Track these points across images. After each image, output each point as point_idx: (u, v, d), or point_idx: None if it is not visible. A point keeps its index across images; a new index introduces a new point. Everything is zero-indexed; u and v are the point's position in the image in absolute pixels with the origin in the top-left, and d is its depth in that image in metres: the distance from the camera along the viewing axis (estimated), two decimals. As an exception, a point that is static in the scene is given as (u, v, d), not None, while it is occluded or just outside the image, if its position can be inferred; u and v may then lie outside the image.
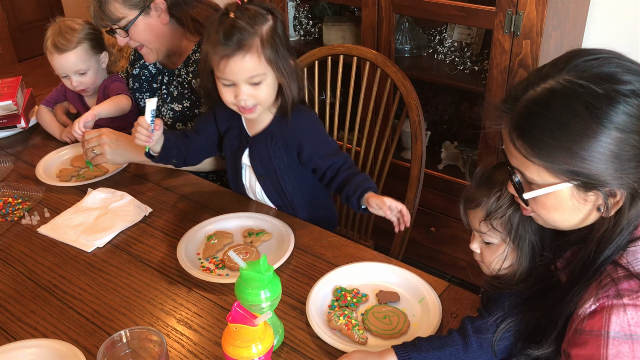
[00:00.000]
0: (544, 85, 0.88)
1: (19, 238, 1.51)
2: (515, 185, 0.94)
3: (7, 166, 1.83)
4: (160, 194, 1.67)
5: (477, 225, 1.10)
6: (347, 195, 1.46)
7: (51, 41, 1.84)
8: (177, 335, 1.20)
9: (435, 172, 2.37)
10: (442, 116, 2.64)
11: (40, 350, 1.15)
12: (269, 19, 1.40)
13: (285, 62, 1.41)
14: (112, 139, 1.67)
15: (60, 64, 1.86)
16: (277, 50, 1.39)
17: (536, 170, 0.89)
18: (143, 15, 1.74)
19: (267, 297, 1.06)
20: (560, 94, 0.86)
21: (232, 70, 1.37)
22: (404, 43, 2.46)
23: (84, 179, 1.75)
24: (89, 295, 1.32)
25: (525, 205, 0.96)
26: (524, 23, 1.87)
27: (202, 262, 1.40)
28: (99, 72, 1.93)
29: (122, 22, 1.74)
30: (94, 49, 1.89)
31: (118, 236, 1.50)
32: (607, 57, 0.87)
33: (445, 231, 2.41)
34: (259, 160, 1.55)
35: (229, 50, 1.35)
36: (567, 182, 0.87)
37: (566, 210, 0.91)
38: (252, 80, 1.39)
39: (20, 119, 2.00)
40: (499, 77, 2.01)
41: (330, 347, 1.15)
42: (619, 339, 0.83)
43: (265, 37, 1.37)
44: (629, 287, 0.85)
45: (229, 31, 1.35)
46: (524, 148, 0.89)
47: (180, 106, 1.89)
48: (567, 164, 0.85)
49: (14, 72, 4.71)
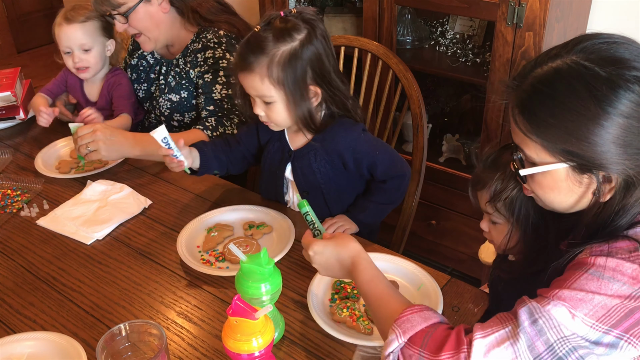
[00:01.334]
0: (550, 64, 0.89)
1: (17, 230, 1.51)
2: (515, 162, 0.96)
3: (6, 158, 1.82)
4: (160, 186, 1.66)
5: (484, 206, 1.16)
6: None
7: (62, 14, 1.83)
8: (177, 328, 1.20)
9: (436, 165, 2.36)
10: (444, 109, 2.62)
11: (39, 343, 1.14)
12: (297, 38, 1.31)
13: (302, 85, 1.34)
14: (107, 134, 1.59)
15: (67, 36, 1.83)
16: (293, 73, 1.31)
17: (534, 147, 0.90)
18: (144, 2, 1.73)
19: (268, 290, 1.06)
20: (565, 73, 0.87)
21: (242, 84, 1.38)
22: (406, 35, 2.44)
23: (83, 171, 1.74)
24: (88, 287, 1.31)
25: (523, 182, 0.98)
26: (526, 15, 1.86)
27: (202, 255, 1.39)
28: (102, 56, 1.91)
29: (122, 8, 1.73)
30: (103, 30, 1.88)
31: (117, 228, 1.50)
32: (617, 42, 0.87)
33: (447, 224, 2.40)
34: (302, 175, 1.50)
35: (238, 63, 1.35)
36: (562, 162, 0.89)
37: (562, 191, 0.92)
38: (263, 99, 1.36)
39: (19, 110, 1.98)
40: (501, 70, 1.99)
41: (330, 341, 1.15)
42: (592, 275, 0.86)
43: (278, 59, 1.30)
44: (622, 246, 0.88)
45: (243, 47, 1.34)
46: (524, 125, 0.90)
47: (177, 97, 1.87)
48: (564, 144, 0.87)
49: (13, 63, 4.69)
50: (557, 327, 0.85)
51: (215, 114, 1.76)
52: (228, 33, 1.82)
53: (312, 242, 1.15)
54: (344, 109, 1.45)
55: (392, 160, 1.49)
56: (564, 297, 0.86)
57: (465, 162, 2.39)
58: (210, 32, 1.82)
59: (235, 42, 1.81)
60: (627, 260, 0.86)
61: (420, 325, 0.93)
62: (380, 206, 1.53)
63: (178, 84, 1.87)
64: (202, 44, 1.81)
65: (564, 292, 0.86)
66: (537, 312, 0.86)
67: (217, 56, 1.79)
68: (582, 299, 0.85)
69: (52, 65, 1.93)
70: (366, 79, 1.87)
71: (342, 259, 1.12)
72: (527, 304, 0.88)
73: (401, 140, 2.55)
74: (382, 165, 1.47)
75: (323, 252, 1.13)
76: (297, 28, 1.31)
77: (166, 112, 1.90)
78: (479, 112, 2.20)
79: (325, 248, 1.13)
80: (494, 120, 2.08)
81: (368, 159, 1.46)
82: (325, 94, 1.39)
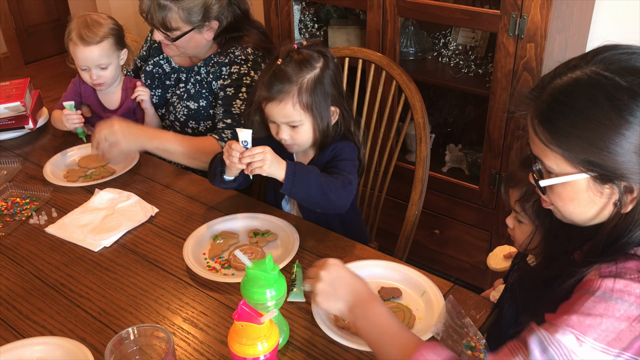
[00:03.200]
0: (570, 75, 0.89)
1: (26, 237, 1.53)
2: (534, 173, 0.95)
3: (15, 167, 1.84)
4: (167, 194, 1.69)
5: (513, 204, 1.16)
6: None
7: (76, 32, 1.83)
8: (183, 333, 1.21)
9: (439, 175, 2.38)
10: (447, 119, 2.64)
11: (48, 348, 1.16)
12: (317, 65, 1.44)
13: (325, 106, 1.45)
14: (124, 126, 1.71)
15: (84, 56, 1.86)
16: (318, 97, 1.44)
17: (554, 158, 0.89)
18: (194, 31, 1.77)
19: (273, 295, 1.08)
20: (585, 84, 0.86)
21: (271, 112, 1.46)
22: (409, 46, 2.47)
23: (91, 179, 1.76)
24: (96, 294, 1.33)
25: (542, 193, 0.97)
26: (528, 26, 1.88)
27: (208, 262, 1.41)
28: (118, 69, 1.95)
29: (173, 33, 1.77)
30: (117, 45, 1.91)
31: (125, 236, 1.52)
32: (637, 52, 0.87)
33: (450, 233, 2.42)
34: None
35: (268, 95, 1.43)
36: (583, 172, 0.88)
37: (582, 202, 0.91)
38: (291, 123, 1.46)
39: (28, 120, 2.01)
40: (503, 80, 2.01)
41: (334, 346, 1.16)
42: (599, 297, 0.86)
43: (305, 86, 1.42)
44: (631, 266, 0.87)
45: (271, 78, 1.43)
46: (544, 135, 0.89)
47: (195, 104, 1.90)
48: (585, 154, 0.86)
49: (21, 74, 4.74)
50: (567, 355, 0.84)
51: (232, 127, 1.79)
52: (255, 51, 1.85)
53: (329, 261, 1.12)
54: (348, 130, 1.55)
55: (350, 167, 1.50)
56: (572, 323, 0.85)
57: (468, 172, 2.41)
58: (238, 48, 1.85)
59: (261, 60, 1.85)
60: (636, 281, 0.85)
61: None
62: (318, 180, 1.40)
63: (197, 92, 1.90)
64: (229, 59, 1.84)
65: (572, 318, 0.86)
66: (546, 340, 0.86)
67: (242, 72, 1.82)
68: (590, 324, 0.84)
69: (60, 76, 1.98)
70: (370, 89, 1.89)
71: (357, 285, 1.08)
72: (536, 333, 0.88)
73: (404, 150, 2.57)
74: (343, 163, 1.50)
75: (340, 268, 1.10)
76: (313, 57, 1.45)
77: (182, 119, 1.93)
78: (481, 122, 2.22)
79: (344, 267, 1.11)
80: (496, 130, 2.10)
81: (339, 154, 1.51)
82: (340, 113, 1.52)
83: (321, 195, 1.39)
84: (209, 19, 1.78)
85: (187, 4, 1.72)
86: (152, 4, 1.73)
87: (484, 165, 2.21)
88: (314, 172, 1.40)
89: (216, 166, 1.51)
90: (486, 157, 2.19)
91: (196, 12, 1.74)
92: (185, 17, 1.74)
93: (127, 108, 1.98)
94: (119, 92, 1.99)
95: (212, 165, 1.55)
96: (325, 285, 1.08)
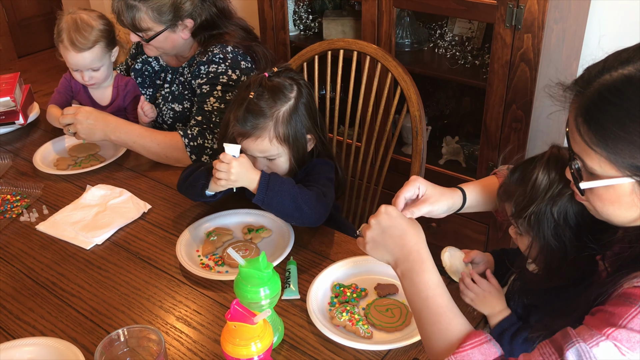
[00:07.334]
0: (621, 71, 0.82)
1: (17, 235, 1.51)
2: (573, 172, 0.90)
3: (6, 163, 1.82)
4: (160, 190, 1.66)
5: (509, 217, 1.15)
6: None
7: (67, 37, 1.80)
8: (176, 332, 1.19)
9: (436, 167, 2.36)
10: (443, 111, 2.62)
11: (39, 349, 1.14)
12: (291, 96, 1.41)
13: (301, 135, 1.44)
14: (85, 117, 1.70)
15: (76, 61, 1.84)
16: (294, 127, 1.41)
17: (598, 160, 0.84)
18: (168, 30, 1.74)
19: (267, 294, 1.06)
20: (637, 82, 0.80)
21: (247, 148, 1.42)
22: (405, 37, 2.45)
23: (81, 167, 1.76)
24: (87, 293, 1.31)
25: (581, 194, 0.92)
26: (525, 16, 1.86)
27: (201, 259, 1.39)
28: (109, 67, 1.93)
29: (147, 33, 1.75)
30: (109, 47, 1.88)
31: (117, 233, 1.50)
32: None
33: (447, 226, 2.40)
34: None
35: (244, 131, 1.40)
36: (629, 177, 0.83)
37: (623, 205, 0.86)
38: (267, 157, 1.43)
39: (18, 115, 1.98)
40: (500, 72, 1.99)
41: (330, 345, 1.14)
42: None
43: (281, 119, 1.39)
44: None
45: (244, 114, 1.39)
46: (588, 135, 0.84)
47: (180, 106, 1.88)
48: (632, 159, 0.81)
49: (13, 68, 4.71)
50: None
51: (201, 124, 1.75)
52: (235, 49, 1.81)
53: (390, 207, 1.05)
54: (322, 145, 1.53)
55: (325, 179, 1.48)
56: (620, 338, 0.81)
57: (465, 164, 2.39)
58: (218, 47, 1.81)
59: (241, 58, 1.81)
60: None
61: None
62: (292, 190, 1.35)
63: (181, 93, 1.88)
64: (207, 58, 1.80)
65: (621, 333, 0.81)
66: (586, 356, 0.81)
67: (219, 71, 1.78)
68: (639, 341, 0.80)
69: (53, 70, 1.95)
70: (365, 81, 1.87)
71: (408, 240, 1.01)
72: (574, 344, 0.83)
73: (401, 142, 2.55)
74: (317, 177, 1.47)
75: (391, 218, 1.03)
76: (286, 87, 1.42)
77: (169, 121, 1.91)
78: (478, 114, 2.20)
79: (400, 216, 1.03)
80: (493, 122, 2.08)
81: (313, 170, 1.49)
82: (316, 137, 1.50)
83: (295, 207, 1.34)
84: (181, 18, 1.75)
85: (155, 3, 1.70)
86: (121, 4, 1.71)
87: (481, 158, 2.19)
88: (288, 182, 1.37)
89: (197, 179, 1.42)
90: (483, 149, 2.17)
91: (166, 11, 1.72)
92: (155, 16, 1.72)
93: (118, 106, 1.96)
94: (110, 89, 1.97)
95: (189, 178, 1.45)
96: (375, 234, 1.03)
